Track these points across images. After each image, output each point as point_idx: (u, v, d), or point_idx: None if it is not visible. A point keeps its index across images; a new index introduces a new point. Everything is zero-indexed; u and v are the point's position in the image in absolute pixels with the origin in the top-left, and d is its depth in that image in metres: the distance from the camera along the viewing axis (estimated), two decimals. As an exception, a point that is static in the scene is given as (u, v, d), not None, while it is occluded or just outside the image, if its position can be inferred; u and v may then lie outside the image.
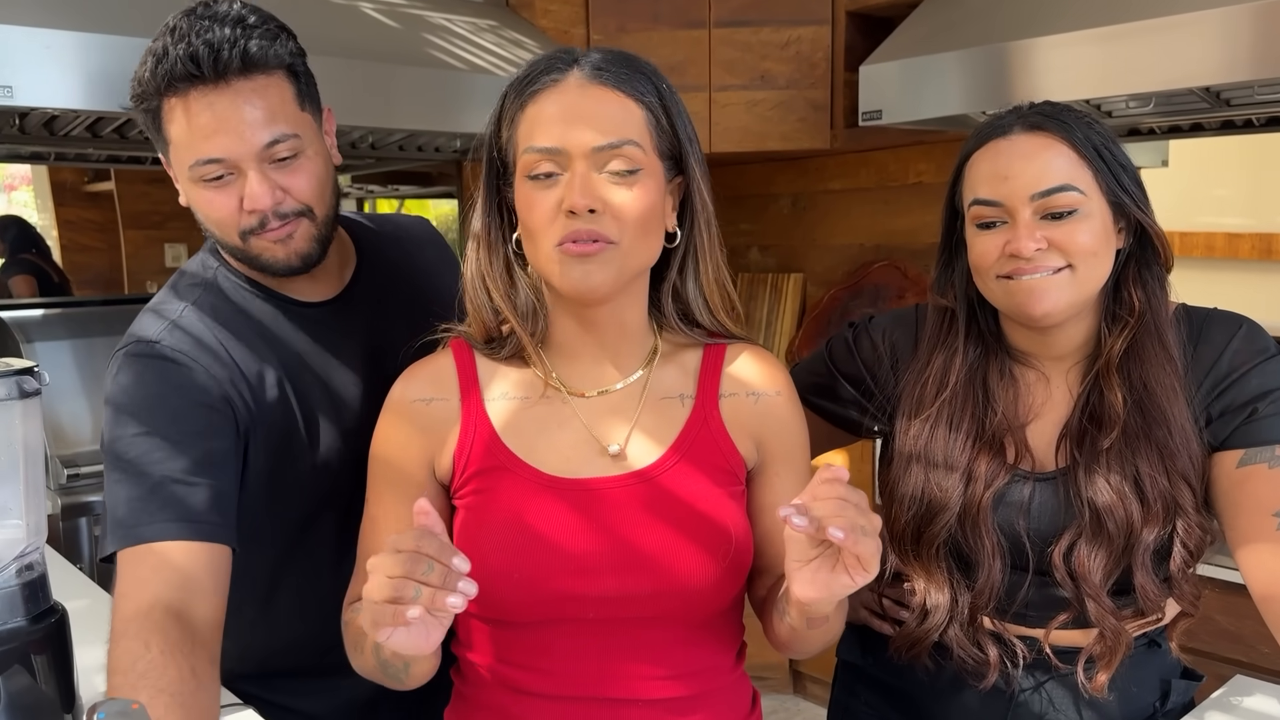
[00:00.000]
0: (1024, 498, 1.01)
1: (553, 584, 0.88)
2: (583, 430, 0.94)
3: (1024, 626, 1.04)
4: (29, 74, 1.71)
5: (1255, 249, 3.73)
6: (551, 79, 0.89)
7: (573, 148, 0.86)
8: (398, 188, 3.71)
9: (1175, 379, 0.98)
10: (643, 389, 0.96)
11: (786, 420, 0.99)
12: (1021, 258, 0.97)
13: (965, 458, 1.02)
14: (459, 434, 0.94)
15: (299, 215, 1.03)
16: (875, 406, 1.12)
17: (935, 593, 1.03)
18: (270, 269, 1.06)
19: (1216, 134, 2.40)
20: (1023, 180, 0.97)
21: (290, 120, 1.02)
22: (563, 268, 0.87)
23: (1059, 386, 1.05)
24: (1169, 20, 1.87)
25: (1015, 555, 1.02)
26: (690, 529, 0.90)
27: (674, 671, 0.93)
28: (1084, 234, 0.96)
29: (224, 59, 0.97)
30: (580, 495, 0.91)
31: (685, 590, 0.90)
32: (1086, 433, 1.00)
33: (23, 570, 0.94)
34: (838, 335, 1.18)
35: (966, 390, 1.04)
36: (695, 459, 0.94)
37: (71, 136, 2.21)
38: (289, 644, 1.17)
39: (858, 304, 2.93)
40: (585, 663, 0.91)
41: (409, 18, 2.39)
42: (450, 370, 0.97)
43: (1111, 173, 0.98)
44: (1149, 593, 0.98)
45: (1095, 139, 0.98)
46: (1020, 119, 1.00)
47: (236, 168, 1.00)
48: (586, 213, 0.86)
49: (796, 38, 2.70)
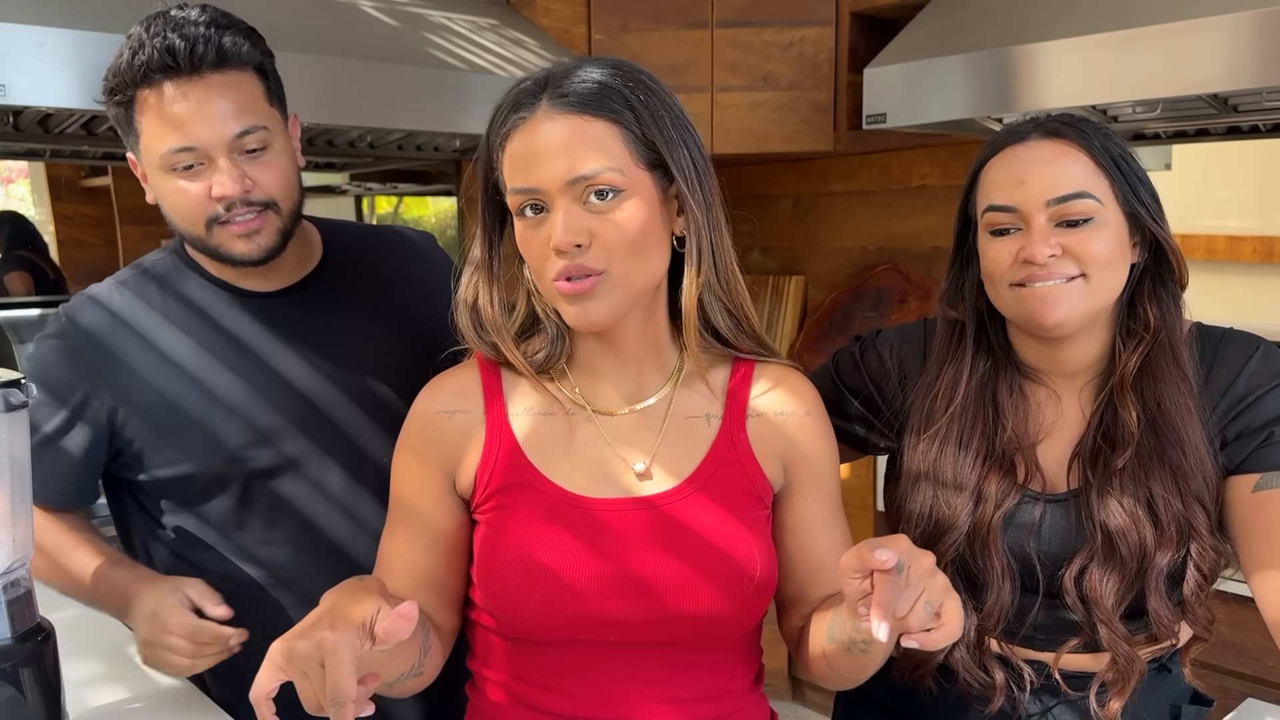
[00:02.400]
0: (1034, 519, 0.99)
1: (571, 606, 0.87)
2: (606, 449, 0.92)
3: (1032, 650, 1.02)
4: (23, 72, 1.68)
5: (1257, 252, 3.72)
6: (520, 117, 0.86)
7: (547, 184, 0.84)
8: (396, 185, 3.69)
9: (1189, 398, 0.96)
10: (667, 407, 0.94)
11: (816, 441, 0.96)
12: (1035, 263, 0.95)
13: (975, 476, 1.00)
14: (483, 448, 0.93)
15: (265, 208, 1.07)
16: (882, 423, 1.10)
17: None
18: (230, 260, 1.09)
19: (1222, 139, 2.39)
20: (1038, 186, 0.95)
21: (260, 114, 1.06)
22: (563, 306, 0.88)
23: (1070, 405, 1.03)
24: (1177, 26, 1.85)
25: (1025, 578, 1.00)
26: (716, 554, 0.88)
27: (692, 695, 0.92)
28: (1099, 243, 0.94)
29: (199, 52, 1.01)
30: (602, 517, 0.90)
31: (701, 620, 0.88)
32: (1100, 453, 0.98)
33: (8, 588, 0.91)
34: (844, 350, 1.15)
35: (976, 406, 1.02)
36: (719, 484, 0.91)
37: (67, 134, 2.19)
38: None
39: (859, 307, 2.91)
40: (603, 684, 0.90)
41: (409, 16, 2.36)
42: (475, 383, 0.95)
43: (1129, 184, 0.96)
44: (1162, 618, 0.95)
45: (1114, 149, 0.97)
46: (1038, 127, 0.98)
47: (207, 157, 1.04)
48: (573, 248, 0.84)
49: (800, 39, 2.68)
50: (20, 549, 0.92)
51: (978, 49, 2.13)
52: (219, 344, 1.13)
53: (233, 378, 1.12)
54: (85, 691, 1.11)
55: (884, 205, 2.95)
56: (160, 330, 1.12)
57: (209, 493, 1.12)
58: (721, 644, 0.93)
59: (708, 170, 0.91)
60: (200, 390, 1.11)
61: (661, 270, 0.91)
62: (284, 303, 1.15)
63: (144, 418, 1.11)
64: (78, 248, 3.82)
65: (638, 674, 0.90)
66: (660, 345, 0.94)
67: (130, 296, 1.13)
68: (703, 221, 0.89)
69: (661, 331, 0.94)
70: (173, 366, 1.11)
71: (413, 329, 1.09)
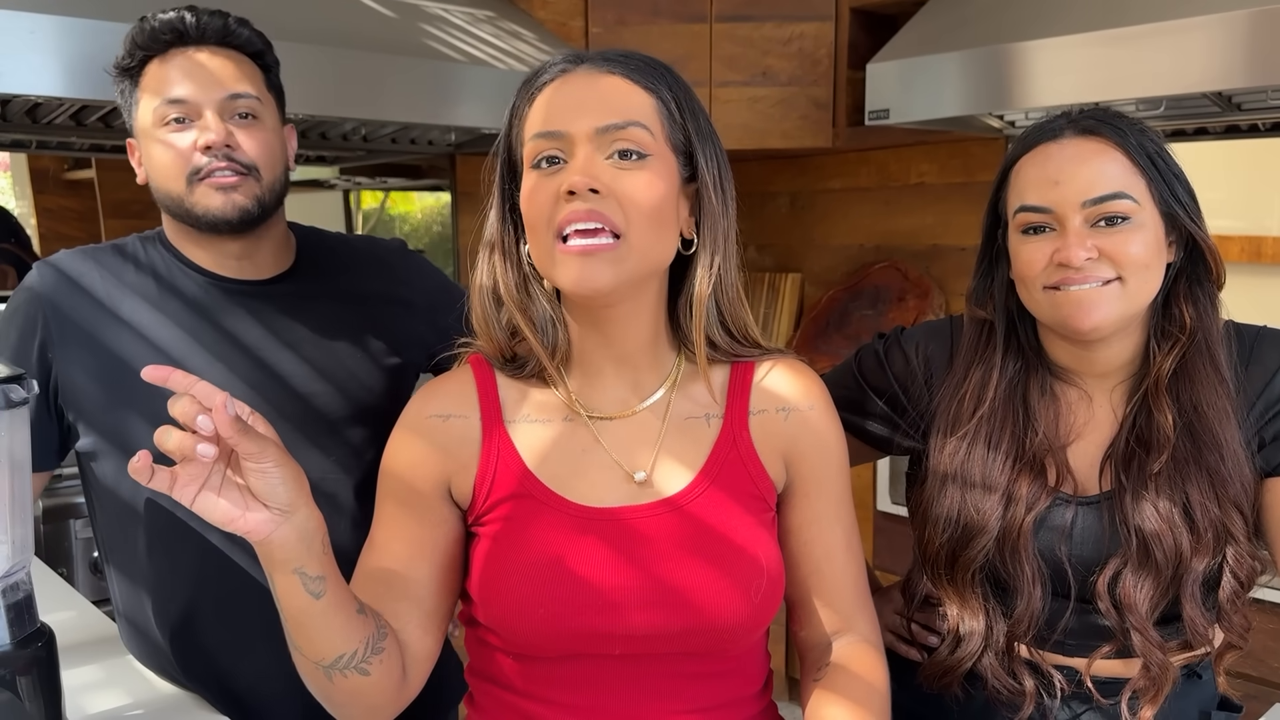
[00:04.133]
0: (1066, 522, 0.97)
1: (578, 620, 0.83)
2: (606, 456, 0.89)
3: (1063, 655, 1.00)
4: (11, 60, 1.64)
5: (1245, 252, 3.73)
6: (560, 69, 0.85)
7: (575, 130, 0.81)
8: (385, 180, 3.65)
9: (1227, 400, 0.94)
10: (666, 409, 0.90)
11: (821, 436, 0.92)
12: (1071, 267, 0.92)
13: (1005, 479, 0.97)
14: (481, 457, 0.89)
15: (246, 171, 1.10)
16: (907, 423, 1.07)
17: (970, 619, 0.99)
18: (204, 219, 1.09)
19: (1220, 138, 2.38)
20: (1074, 186, 0.93)
21: (255, 87, 1.12)
22: (564, 267, 0.81)
23: (1102, 406, 1.01)
24: (1179, 23, 1.84)
25: (1056, 582, 0.98)
26: (721, 561, 0.85)
27: (700, 705, 0.89)
28: (1136, 244, 0.92)
29: (205, 24, 1.09)
30: (607, 526, 0.86)
31: (715, 628, 0.85)
32: (1134, 456, 0.95)
33: (8, 591, 0.88)
34: (867, 346, 1.13)
35: (1006, 407, 1.00)
36: (725, 484, 0.88)
37: (55, 125, 2.15)
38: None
39: (857, 305, 2.90)
40: (610, 697, 0.87)
41: (405, 7, 2.33)
42: (470, 387, 0.91)
43: (1165, 182, 0.94)
44: (1197, 625, 0.93)
45: (1150, 146, 0.95)
46: (1071, 123, 0.96)
47: (198, 111, 1.08)
48: (587, 193, 0.80)
49: (799, 34, 2.66)
50: (20, 551, 0.89)
51: (981, 45, 2.12)
52: (184, 315, 1.13)
53: (194, 346, 1.12)
54: (84, 697, 1.08)
55: (882, 202, 2.93)
56: (119, 296, 1.13)
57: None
58: (732, 651, 0.89)
59: (729, 175, 0.89)
60: (156, 354, 1.10)
61: (668, 258, 0.87)
62: (254, 293, 1.16)
63: (92, 375, 1.10)
64: (60, 241, 3.76)
65: (647, 686, 0.87)
66: (658, 345, 0.91)
67: (89, 263, 1.14)
68: (719, 212, 0.87)
69: (660, 331, 0.91)
70: (129, 329, 1.12)
71: (373, 336, 1.10)
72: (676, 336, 0.92)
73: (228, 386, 1.10)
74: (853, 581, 0.93)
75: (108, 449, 1.11)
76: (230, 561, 1.12)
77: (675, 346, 0.93)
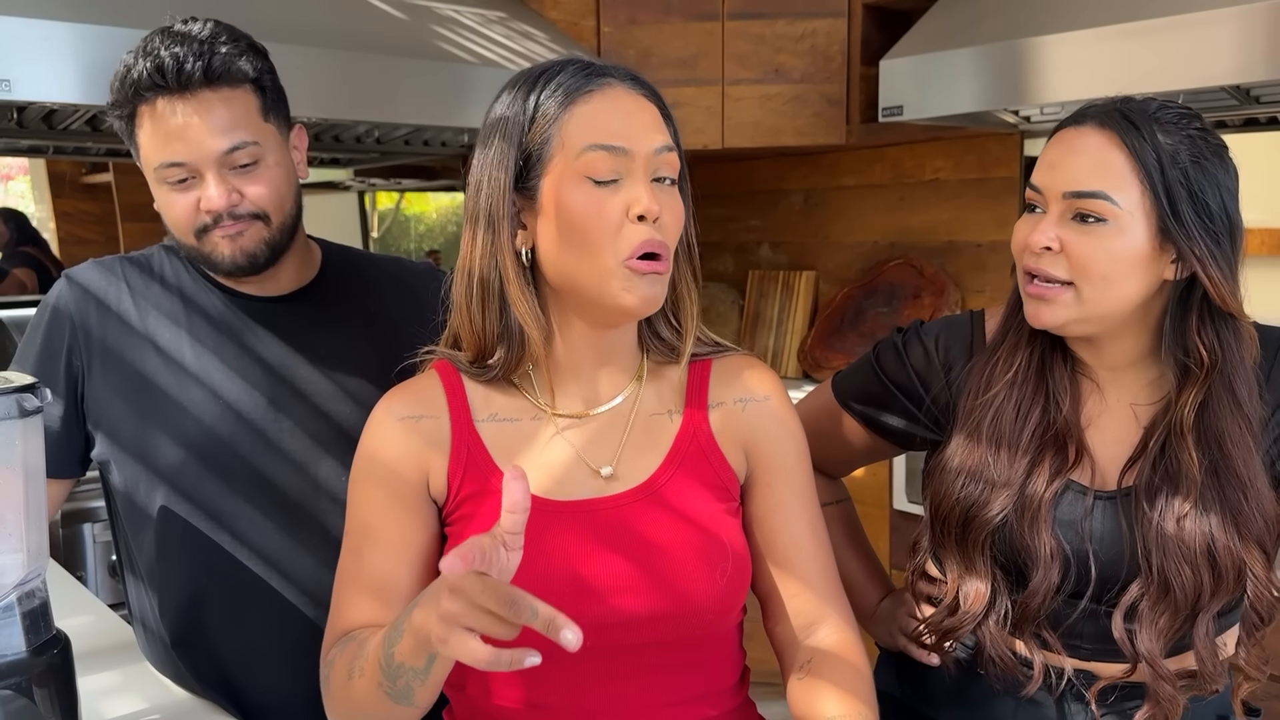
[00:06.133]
0: (1084, 511, 0.96)
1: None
2: (573, 452, 0.91)
3: (1077, 659, 0.99)
4: (27, 67, 1.66)
5: (1266, 244, 3.69)
6: (604, 81, 0.86)
7: (637, 149, 0.84)
8: (400, 181, 3.66)
9: (1250, 435, 0.91)
10: (632, 407, 0.93)
11: (778, 426, 0.95)
12: (1032, 250, 0.93)
13: (1033, 446, 0.97)
14: (451, 453, 0.90)
15: (253, 218, 1.09)
16: (926, 416, 1.07)
17: (973, 581, 0.98)
18: (219, 266, 1.11)
19: (1239, 131, 2.36)
20: (1062, 174, 0.93)
21: (252, 129, 1.08)
22: (628, 284, 0.84)
23: (1118, 404, 0.99)
24: (1196, 16, 1.83)
25: (1076, 566, 0.96)
26: (687, 545, 0.87)
27: (674, 699, 0.90)
28: (1101, 250, 0.91)
29: (187, 70, 1.04)
30: (576, 519, 0.88)
31: (685, 610, 0.86)
32: (1160, 490, 0.93)
33: (24, 599, 0.88)
34: (885, 341, 1.12)
35: (1038, 378, 0.99)
36: (688, 474, 0.91)
37: (71, 130, 2.16)
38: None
39: (872, 303, 2.88)
40: (585, 694, 0.87)
41: (417, 9, 2.34)
42: (438, 390, 0.93)
43: (1169, 196, 0.90)
44: (1206, 666, 0.93)
45: (1166, 154, 0.90)
46: (1099, 113, 0.94)
47: (197, 171, 1.07)
48: (653, 221, 0.84)
49: (811, 30, 2.65)
50: (35, 559, 0.89)
51: (995, 40, 2.11)
52: (207, 333, 1.14)
53: (216, 363, 1.13)
54: (100, 702, 1.08)
55: (896, 199, 2.92)
56: (145, 314, 1.14)
57: (189, 472, 1.11)
58: (703, 640, 0.90)
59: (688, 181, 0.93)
60: (181, 372, 1.12)
61: None
62: (275, 310, 1.17)
63: (118, 391, 1.12)
64: (79, 245, 3.79)
65: (621, 680, 0.88)
66: (632, 347, 0.94)
67: (115, 279, 1.15)
68: (690, 219, 0.92)
69: (635, 334, 0.94)
70: (154, 348, 1.13)
71: (393, 356, 1.08)
72: (644, 335, 0.96)
73: (248, 404, 1.13)
74: (822, 570, 0.94)
75: (125, 458, 1.12)
76: (241, 573, 1.12)
77: (642, 345, 0.96)
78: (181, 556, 1.12)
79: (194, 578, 1.12)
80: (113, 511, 1.18)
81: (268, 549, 1.12)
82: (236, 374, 1.13)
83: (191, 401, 1.11)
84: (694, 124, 2.69)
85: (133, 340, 1.12)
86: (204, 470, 1.11)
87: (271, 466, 1.12)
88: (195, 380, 1.12)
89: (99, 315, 1.13)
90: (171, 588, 1.13)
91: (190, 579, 1.13)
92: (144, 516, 1.13)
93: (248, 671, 1.12)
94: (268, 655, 1.12)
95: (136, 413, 1.11)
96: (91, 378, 1.12)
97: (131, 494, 1.12)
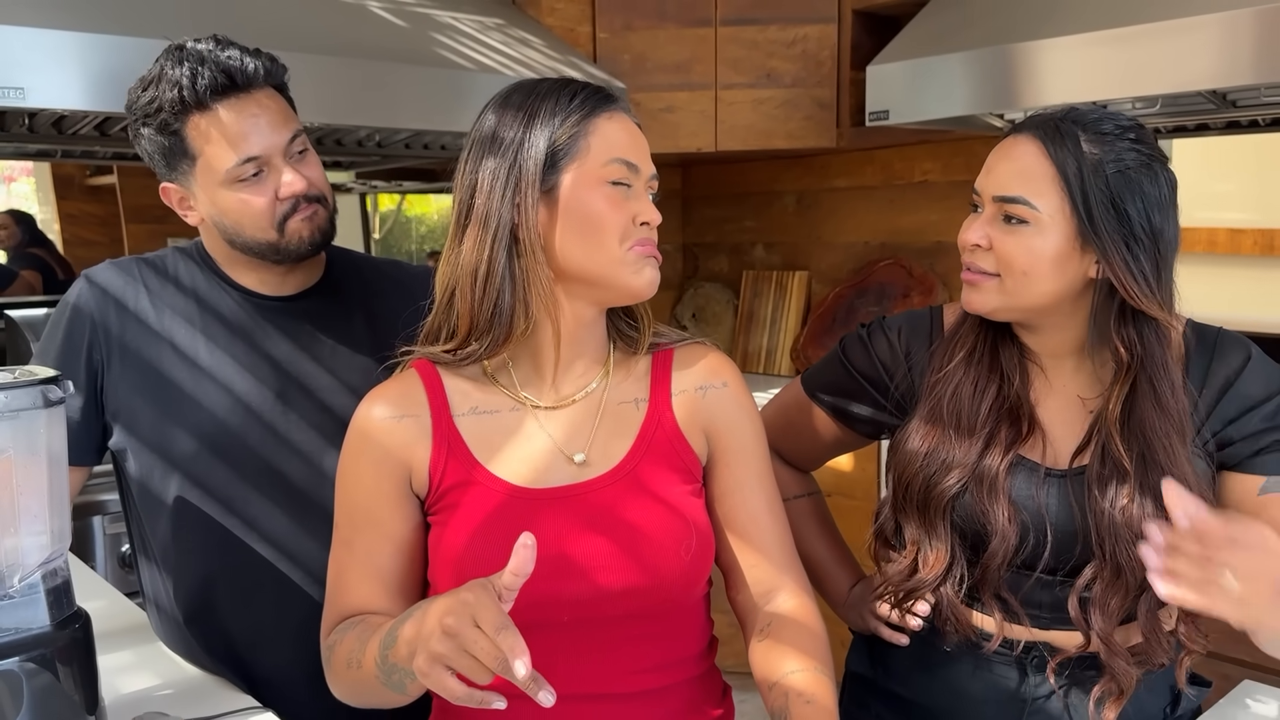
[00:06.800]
0: (1038, 483, 1.03)
1: (530, 588, 0.88)
2: (548, 441, 0.98)
3: (1036, 629, 1.05)
4: (40, 75, 1.71)
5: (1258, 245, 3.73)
6: (617, 106, 0.98)
7: (644, 169, 0.98)
8: (401, 184, 3.71)
9: (1173, 428, 0.98)
10: (602, 397, 1.01)
11: (735, 409, 1.03)
12: (965, 246, 1.03)
13: (990, 419, 1.04)
14: (432, 448, 0.97)
15: (319, 201, 1.18)
16: (891, 403, 1.14)
17: (933, 542, 1.05)
18: (294, 253, 1.18)
19: (1221, 134, 2.41)
20: (994, 179, 1.02)
21: (295, 122, 1.19)
22: (637, 268, 0.96)
23: (1063, 390, 1.07)
24: (1175, 24, 1.87)
25: (1034, 535, 1.02)
26: (655, 524, 0.95)
27: (645, 666, 0.97)
28: (1023, 251, 0.99)
29: (250, 70, 1.13)
30: (549, 502, 0.95)
31: (656, 583, 0.94)
32: (1107, 479, 1.00)
33: (48, 576, 0.94)
34: (851, 335, 1.19)
35: (993, 357, 1.07)
36: (654, 459, 0.99)
37: (79, 135, 2.22)
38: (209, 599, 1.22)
39: (863, 302, 2.94)
40: (563, 665, 0.94)
41: (416, 16, 2.39)
42: (418, 388, 1.00)
43: (1086, 203, 0.97)
44: (1151, 641, 1.00)
45: (1091, 164, 0.97)
46: (1035, 123, 1.01)
47: (268, 163, 1.14)
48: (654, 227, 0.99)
49: (803, 36, 2.70)
50: (58, 540, 0.96)
51: (979, 46, 2.15)
52: (220, 333, 1.20)
53: (229, 362, 1.19)
54: (116, 679, 1.14)
55: (886, 201, 2.98)
56: (161, 314, 1.20)
57: (202, 461, 1.18)
58: (672, 611, 0.98)
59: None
60: (196, 370, 1.18)
61: None
62: (284, 309, 1.23)
63: (136, 389, 1.18)
64: (83, 246, 3.84)
65: (596, 650, 0.95)
66: (602, 340, 1.03)
67: (132, 281, 1.21)
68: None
69: (602, 325, 1.02)
70: (170, 347, 1.18)
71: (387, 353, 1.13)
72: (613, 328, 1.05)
73: (258, 398, 1.19)
74: (778, 541, 1.02)
75: (141, 448, 1.18)
76: (250, 556, 1.19)
77: (611, 337, 1.04)
78: (195, 540, 1.18)
79: (206, 560, 1.19)
80: (127, 499, 1.24)
81: (275, 533, 1.18)
82: (247, 370, 1.19)
83: (205, 396, 1.18)
84: (688, 127, 2.75)
85: (150, 338, 1.19)
86: (216, 460, 1.17)
87: (279, 457, 1.18)
88: (209, 376, 1.18)
89: (118, 314, 1.19)
90: (185, 569, 1.20)
91: (203, 561, 1.19)
92: (159, 503, 1.19)
93: (255, 647, 1.19)
94: (274, 632, 1.18)
95: (153, 406, 1.17)
96: (110, 372, 1.18)
97: (147, 482, 1.18)
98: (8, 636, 0.91)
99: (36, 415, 0.92)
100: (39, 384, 0.92)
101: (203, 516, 1.17)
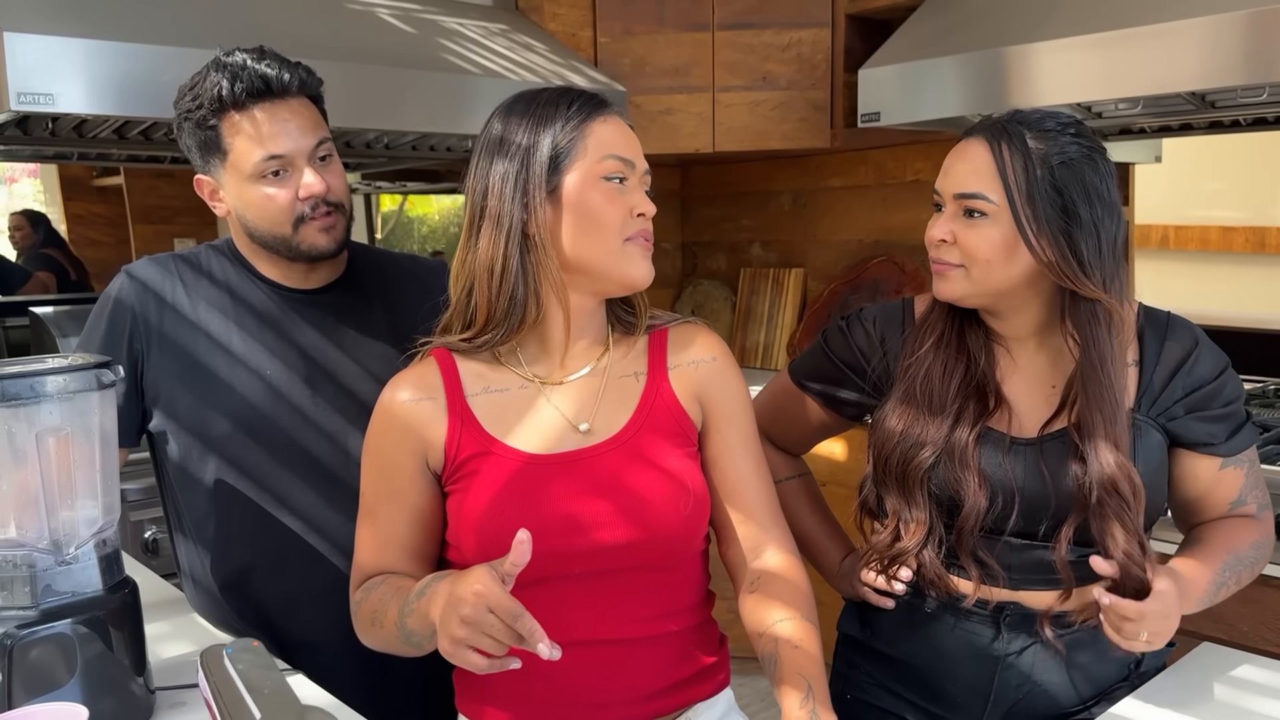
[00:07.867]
0: (1005, 451, 1.12)
1: (545, 543, 0.99)
2: (556, 413, 1.08)
3: (1010, 590, 1.13)
4: (68, 83, 1.79)
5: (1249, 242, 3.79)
6: (611, 110, 1.07)
7: (638, 164, 1.07)
8: (405, 184, 3.79)
9: (1113, 403, 1.06)
10: (604, 372, 1.10)
11: (726, 381, 1.13)
12: (931, 243, 1.12)
13: (960, 395, 1.13)
14: (447, 427, 1.07)
15: (337, 208, 1.27)
16: (870, 386, 1.23)
17: (914, 511, 1.14)
18: (309, 254, 1.26)
19: (1205, 133, 2.48)
20: (951, 179, 1.11)
21: (324, 130, 1.28)
22: (636, 260, 1.06)
23: (1027, 368, 1.16)
24: (1158, 28, 1.93)
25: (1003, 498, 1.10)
26: (656, 485, 1.05)
27: (651, 614, 1.07)
28: (983, 241, 1.08)
29: (285, 79, 1.23)
30: (559, 467, 1.05)
31: (655, 538, 1.04)
32: (1074, 446, 1.09)
33: (100, 545, 1.03)
34: (832, 326, 1.28)
35: (960, 340, 1.16)
36: (652, 429, 1.08)
37: (98, 138, 2.29)
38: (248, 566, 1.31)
39: (857, 298, 3.02)
40: (575, 614, 1.04)
41: (424, 22, 2.46)
42: (435, 374, 1.10)
43: (1023, 197, 1.05)
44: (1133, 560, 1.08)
45: (1036, 157, 1.06)
46: (985, 127, 1.11)
47: (293, 164, 1.23)
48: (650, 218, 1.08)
49: (797, 40, 2.78)
50: (108, 512, 1.04)
51: (967, 50, 2.22)
52: (253, 324, 1.29)
53: (261, 350, 1.28)
54: (156, 645, 1.22)
55: (879, 200, 3.05)
56: (197, 307, 1.28)
57: (236, 443, 1.26)
58: (673, 564, 1.08)
59: None
60: (232, 359, 1.27)
61: None
62: (310, 301, 1.32)
63: (175, 377, 1.27)
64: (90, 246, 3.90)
65: (606, 599, 1.05)
66: (602, 322, 1.12)
67: (169, 275, 1.30)
68: None
69: (603, 310, 1.12)
70: (206, 336, 1.27)
71: (405, 341, 1.22)
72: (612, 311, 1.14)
73: (288, 384, 1.28)
74: (765, 502, 1.12)
75: (180, 431, 1.27)
76: (281, 529, 1.27)
77: (611, 317, 1.14)
78: (230, 515, 1.27)
79: (240, 533, 1.27)
80: (164, 480, 1.33)
81: (304, 508, 1.27)
82: (278, 358, 1.28)
83: (239, 382, 1.26)
84: (687, 129, 2.84)
85: (187, 328, 1.27)
86: (250, 441, 1.26)
87: (308, 438, 1.27)
88: (242, 364, 1.27)
89: (156, 306, 1.28)
90: (220, 543, 1.28)
91: (237, 534, 1.27)
92: (196, 482, 1.27)
93: (286, 614, 1.28)
94: (303, 599, 1.27)
95: (191, 391, 1.26)
96: (150, 360, 1.27)
97: (185, 463, 1.27)
98: (65, 599, 0.99)
99: (90, 397, 1.00)
100: (93, 368, 1.00)
101: (237, 494, 1.25)
